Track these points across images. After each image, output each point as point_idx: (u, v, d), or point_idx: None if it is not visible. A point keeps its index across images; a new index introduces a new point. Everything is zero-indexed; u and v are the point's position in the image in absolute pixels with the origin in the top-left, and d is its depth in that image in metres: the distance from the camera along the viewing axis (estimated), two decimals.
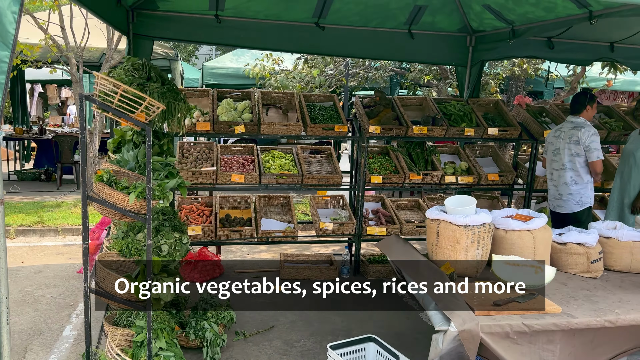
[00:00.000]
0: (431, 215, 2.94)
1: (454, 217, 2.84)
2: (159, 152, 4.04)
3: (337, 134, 5.27)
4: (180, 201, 5.54)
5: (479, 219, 2.84)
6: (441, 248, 2.87)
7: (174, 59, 9.28)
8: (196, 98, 5.45)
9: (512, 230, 2.95)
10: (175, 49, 9.39)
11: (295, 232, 5.29)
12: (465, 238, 2.79)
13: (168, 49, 9.33)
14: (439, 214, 2.92)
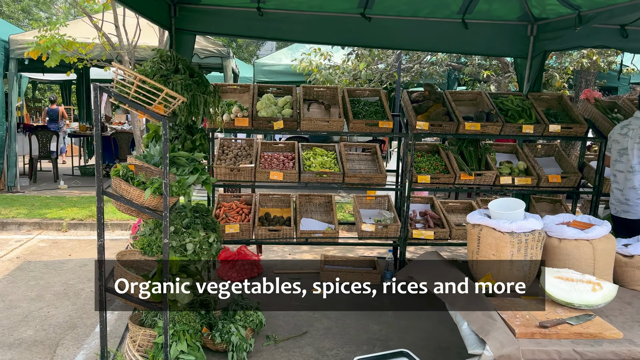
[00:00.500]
0: (472, 219, 2.61)
1: (498, 223, 2.49)
2: (192, 147, 3.93)
3: (381, 130, 4.97)
4: (220, 198, 5.45)
5: (527, 225, 2.48)
6: (482, 257, 2.53)
7: (226, 56, 9.29)
8: (237, 94, 5.33)
9: (567, 239, 2.56)
10: (227, 47, 9.40)
11: (335, 233, 5.05)
12: (510, 246, 2.44)
13: (220, 46, 9.36)
14: (480, 218, 2.58)
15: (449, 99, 5.29)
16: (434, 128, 4.97)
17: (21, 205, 7.40)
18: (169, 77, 3.02)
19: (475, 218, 2.62)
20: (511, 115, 5.15)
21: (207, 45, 9.39)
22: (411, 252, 6.33)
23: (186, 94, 3.00)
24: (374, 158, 5.55)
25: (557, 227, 2.60)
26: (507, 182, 5.11)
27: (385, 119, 5.05)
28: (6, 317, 4.12)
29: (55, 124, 12.17)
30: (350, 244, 5.25)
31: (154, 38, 7.60)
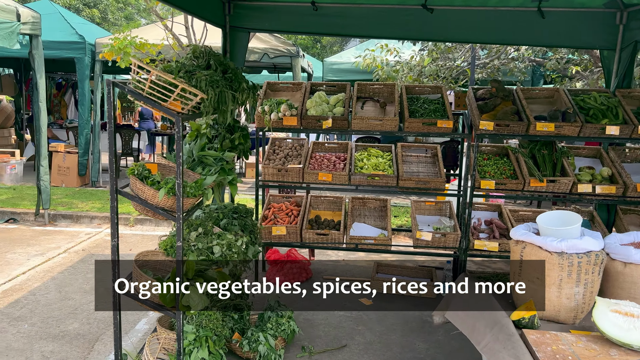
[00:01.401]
0: (516, 234, 2.22)
1: (545, 240, 2.08)
2: (230, 147, 3.81)
3: (440, 130, 4.57)
4: (270, 199, 5.32)
5: (582, 244, 2.05)
6: (525, 280, 2.13)
7: (295, 55, 9.22)
8: (290, 92, 5.17)
9: (634, 263, 2.08)
10: (297, 45, 9.33)
11: (387, 240, 4.72)
12: (558, 270, 2.03)
13: (290, 45, 9.31)
14: (525, 233, 2.18)
15: (520, 96, 4.76)
16: (499, 128, 4.48)
17: (97, 199, 7.80)
18: (194, 73, 2.90)
19: (519, 233, 2.22)
20: (593, 115, 4.53)
21: (278, 45, 9.39)
22: (477, 264, 5.83)
23: (212, 91, 2.86)
24: (435, 160, 5.14)
25: (622, 248, 2.13)
26: (587, 191, 4.49)
27: (445, 117, 4.64)
28: (58, 309, 4.26)
29: (147, 122, 12.81)
30: (404, 253, 4.90)
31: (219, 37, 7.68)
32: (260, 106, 4.69)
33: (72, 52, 8.81)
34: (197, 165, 3.07)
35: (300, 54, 9.38)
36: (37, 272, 5.04)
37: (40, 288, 4.64)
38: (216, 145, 3.59)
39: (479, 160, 4.93)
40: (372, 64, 7.19)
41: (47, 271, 5.07)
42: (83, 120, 9.04)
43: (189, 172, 2.93)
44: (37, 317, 4.09)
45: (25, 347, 3.62)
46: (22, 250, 5.67)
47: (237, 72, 3.34)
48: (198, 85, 2.81)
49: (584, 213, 5.17)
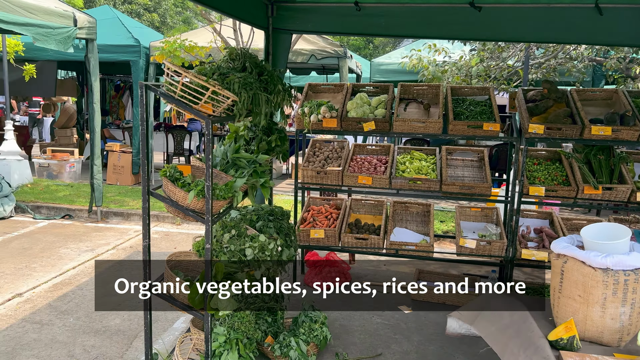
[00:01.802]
0: (557, 247, 2.06)
1: (588, 255, 1.92)
2: (267, 149, 3.80)
3: (486, 133, 4.38)
4: (310, 201, 5.29)
5: (629, 261, 1.87)
6: (565, 298, 1.97)
7: (342, 56, 9.16)
8: (331, 93, 5.12)
9: None
10: (344, 46, 9.27)
11: (429, 246, 4.57)
12: (602, 287, 1.86)
13: (337, 46, 9.26)
14: (567, 247, 2.02)
15: (574, 98, 4.48)
16: (551, 132, 4.24)
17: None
18: (227, 75, 2.90)
19: (560, 246, 2.05)
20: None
21: (325, 46, 9.36)
22: (526, 273, 5.55)
23: (245, 93, 2.84)
24: (481, 165, 4.94)
25: None
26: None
27: (492, 120, 4.44)
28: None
29: (196, 123, 13.15)
30: (447, 260, 4.73)
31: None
32: (300, 108, 4.67)
33: (127, 55, 9.15)
34: (231, 168, 3.07)
35: (347, 54, 9.31)
36: (86, 267, 5.24)
37: (87, 283, 4.82)
38: (253, 148, 3.59)
39: (528, 165, 4.69)
40: (418, 64, 7.01)
41: (95, 267, 5.25)
42: (137, 120, 9.36)
43: (222, 175, 2.93)
44: (82, 312, 4.24)
45: (68, 340, 3.76)
46: (74, 245, 5.92)
47: (273, 75, 3.32)
48: (231, 88, 2.80)
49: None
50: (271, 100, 3.05)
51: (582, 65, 7.67)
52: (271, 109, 3.12)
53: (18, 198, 7.44)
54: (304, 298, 4.59)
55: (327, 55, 9.31)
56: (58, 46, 5.90)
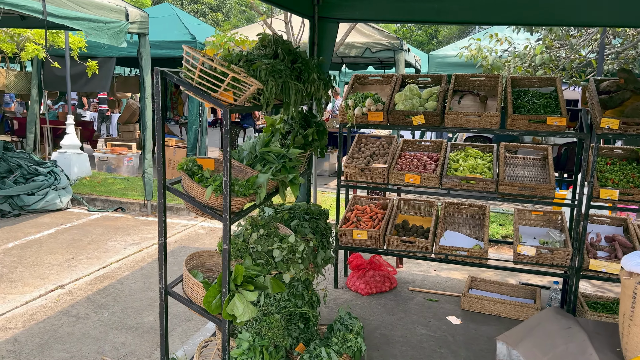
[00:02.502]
0: (629, 264, 1.68)
1: None
2: (304, 143, 3.56)
3: (550, 128, 3.91)
4: (355, 200, 4.99)
5: None
6: (637, 327, 1.58)
7: (399, 49, 8.77)
8: (379, 85, 4.80)
9: None
10: (401, 39, 8.86)
11: (483, 253, 4.16)
12: None
13: (393, 39, 8.88)
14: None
15: None
16: (627, 127, 3.72)
17: None
18: (253, 62, 2.68)
19: (633, 262, 1.66)
20: None
21: (381, 38, 9.01)
22: (595, 286, 4.98)
23: (272, 81, 2.61)
24: (544, 164, 4.45)
25: None
26: None
27: (557, 113, 3.96)
28: (139, 299, 4.34)
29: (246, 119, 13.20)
30: (502, 268, 4.28)
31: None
32: (344, 100, 4.39)
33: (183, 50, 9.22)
34: (259, 162, 2.85)
35: (404, 47, 8.91)
36: (129, 260, 5.24)
37: (127, 277, 4.79)
38: (289, 142, 3.36)
39: (600, 165, 4.17)
40: (477, 54, 6.50)
41: (139, 261, 5.24)
42: (192, 116, 9.43)
43: (247, 170, 2.71)
44: (118, 306, 4.19)
45: (100, 335, 3.70)
46: (121, 238, 5.96)
47: (309, 63, 3.07)
48: (257, 75, 2.58)
49: None
50: (302, 89, 2.80)
51: None
52: (303, 99, 2.86)
53: (75, 190, 7.66)
54: (344, 303, 4.32)
55: (382, 48, 8.96)
56: (110, 40, 5.95)
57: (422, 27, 34.53)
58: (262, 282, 2.53)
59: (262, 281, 2.52)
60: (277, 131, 3.64)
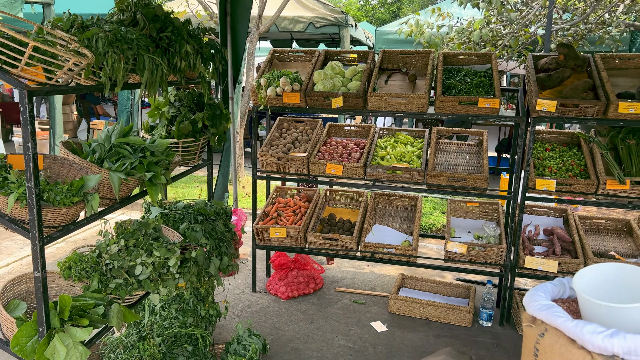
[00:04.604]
0: (531, 305, 1.23)
1: (581, 329, 1.08)
2: (193, 130, 3.01)
3: (482, 111, 3.47)
4: (278, 192, 4.49)
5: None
6: None
7: (344, 24, 8.22)
8: (301, 62, 4.26)
9: None
10: (346, 14, 8.30)
11: (410, 250, 3.73)
12: None
13: (338, 13, 8.31)
14: (547, 308, 1.17)
15: (599, 66, 3.52)
16: (565, 109, 3.31)
17: None
18: (86, 29, 2.11)
19: (536, 304, 1.21)
20: None
21: (325, 13, 8.44)
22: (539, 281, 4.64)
23: (115, 53, 2.04)
24: (480, 150, 4.03)
25: None
26: None
27: (491, 95, 3.52)
28: None
29: None
30: (432, 267, 3.88)
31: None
32: (256, 79, 3.84)
33: None
34: (114, 157, 2.29)
35: (349, 22, 8.35)
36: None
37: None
38: (164, 131, 2.80)
39: (539, 152, 3.78)
40: (417, 31, 6.01)
41: None
42: (123, 95, 8.70)
43: (91, 167, 2.16)
44: None
45: None
46: None
47: (181, 32, 2.50)
48: (94, 45, 2.00)
49: None
50: (163, 64, 2.23)
51: (617, 31, 6.53)
52: (168, 75, 2.30)
53: None
54: (260, 310, 3.85)
55: (326, 23, 8.39)
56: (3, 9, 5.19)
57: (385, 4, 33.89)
58: (103, 312, 2.00)
59: (101, 312, 1.99)
60: (162, 116, 3.08)
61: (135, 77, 2.32)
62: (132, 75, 2.30)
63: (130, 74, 2.25)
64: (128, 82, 2.33)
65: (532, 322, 1.22)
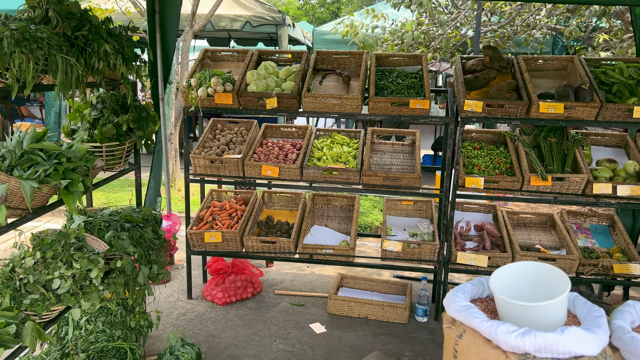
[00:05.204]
0: (451, 306, 1.24)
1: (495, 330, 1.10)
2: (116, 134, 2.87)
3: (413, 112, 3.54)
4: (213, 195, 4.38)
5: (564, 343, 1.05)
6: None
7: (281, 23, 8.16)
8: (235, 62, 4.18)
9: None
10: (283, 13, 8.25)
11: (348, 250, 3.75)
12: None
13: (275, 12, 8.24)
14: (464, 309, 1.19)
15: (522, 67, 3.67)
16: (491, 110, 3.43)
17: None
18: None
19: (455, 305, 1.23)
20: (617, 92, 3.43)
21: (262, 12, 8.34)
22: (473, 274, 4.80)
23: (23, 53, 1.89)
24: (413, 150, 4.11)
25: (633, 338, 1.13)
26: (605, 192, 3.43)
27: (421, 95, 3.60)
28: None
29: None
30: (370, 266, 3.92)
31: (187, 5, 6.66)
32: (187, 79, 3.72)
33: None
34: (26, 163, 2.14)
35: (287, 21, 8.30)
36: None
37: None
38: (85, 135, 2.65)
39: (468, 151, 3.90)
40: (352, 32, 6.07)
41: None
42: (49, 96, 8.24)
43: (1, 176, 2.00)
44: None
45: None
46: None
47: (99, 30, 2.37)
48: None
49: (601, 217, 4.10)
50: (77, 65, 2.11)
51: (540, 34, 6.88)
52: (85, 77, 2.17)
53: None
54: (196, 317, 3.74)
55: (264, 22, 8.30)
56: None
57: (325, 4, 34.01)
58: (15, 331, 1.86)
59: (13, 331, 1.85)
60: (84, 119, 2.92)
61: (49, 78, 2.18)
62: (45, 76, 2.16)
63: (42, 75, 2.11)
64: (41, 83, 2.18)
65: (451, 324, 1.24)
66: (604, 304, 4.00)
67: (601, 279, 3.59)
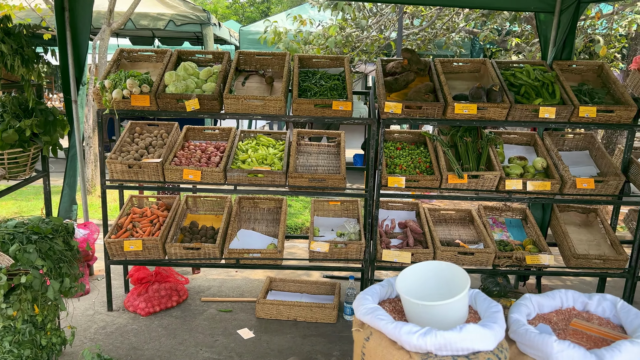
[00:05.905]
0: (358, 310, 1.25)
1: (399, 331, 1.11)
2: (19, 140, 2.68)
3: (337, 114, 3.57)
4: (134, 201, 4.21)
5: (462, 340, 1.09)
6: None
7: (206, 22, 7.98)
8: (153, 62, 4.03)
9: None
10: (208, 12, 8.07)
11: (276, 253, 3.72)
12: None
13: (200, 11, 8.05)
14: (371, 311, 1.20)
15: (438, 70, 3.81)
16: (410, 111, 3.53)
17: None
18: None
19: (363, 308, 1.24)
20: (525, 93, 3.63)
21: (186, 10, 8.11)
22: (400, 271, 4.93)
23: None
24: (339, 151, 4.15)
25: (535, 337, 1.19)
26: (516, 187, 3.63)
27: (344, 97, 3.64)
28: None
29: None
30: (298, 268, 3.92)
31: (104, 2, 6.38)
32: (100, 81, 3.54)
33: None
34: None
35: (212, 21, 8.14)
36: None
37: None
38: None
39: (390, 151, 3.99)
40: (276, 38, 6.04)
41: None
42: None
43: None
44: None
45: None
46: None
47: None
48: None
49: (515, 211, 4.34)
50: None
51: (458, 37, 7.19)
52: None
53: None
54: (117, 330, 3.57)
55: (188, 21, 8.08)
56: None
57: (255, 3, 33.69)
58: None
59: None
60: None
61: None
62: None
63: None
64: None
65: (360, 327, 1.25)
66: (519, 293, 4.23)
67: (516, 270, 3.80)
